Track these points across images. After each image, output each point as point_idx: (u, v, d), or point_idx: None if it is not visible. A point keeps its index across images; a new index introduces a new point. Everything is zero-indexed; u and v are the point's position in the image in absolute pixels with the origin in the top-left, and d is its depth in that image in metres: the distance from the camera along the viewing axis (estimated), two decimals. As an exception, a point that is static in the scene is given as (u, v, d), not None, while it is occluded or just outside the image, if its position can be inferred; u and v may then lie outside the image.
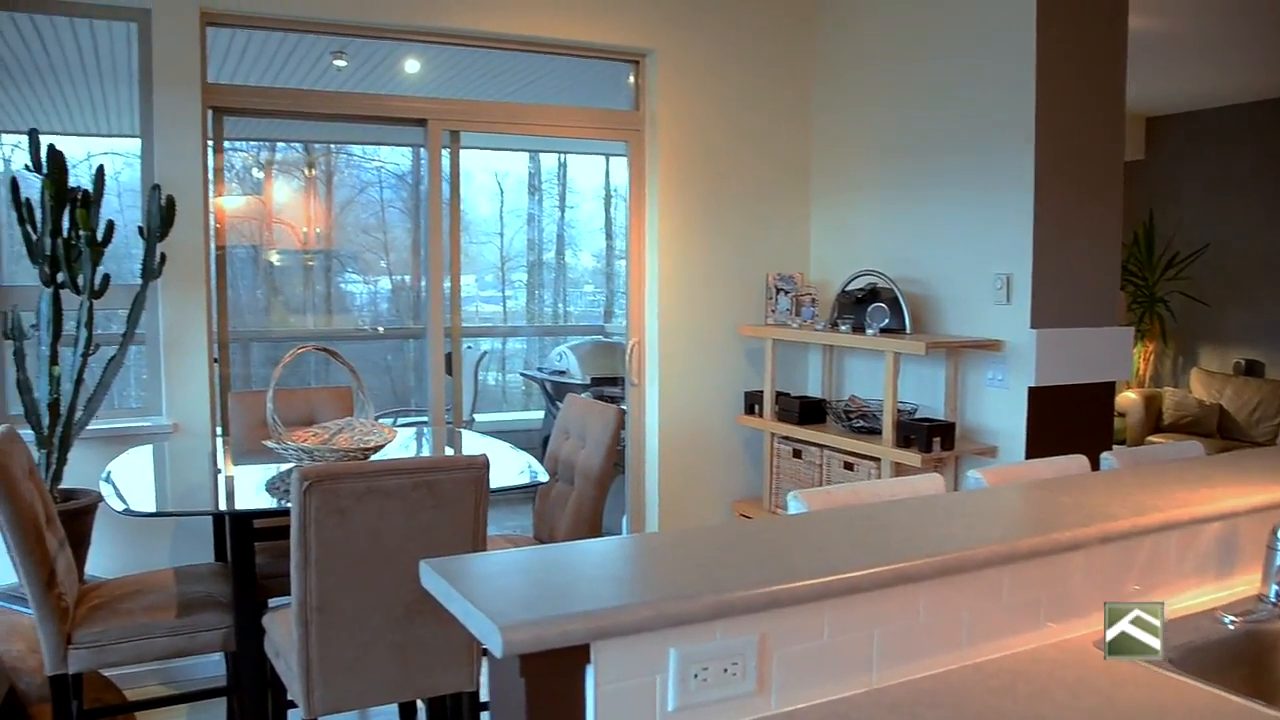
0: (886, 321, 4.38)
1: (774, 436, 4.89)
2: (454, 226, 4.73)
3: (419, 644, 2.64)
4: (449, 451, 3.96)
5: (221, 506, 3.27)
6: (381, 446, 3.19)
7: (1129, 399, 7.81)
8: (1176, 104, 8.04)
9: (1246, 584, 1.99)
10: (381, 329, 7.00)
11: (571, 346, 6.97)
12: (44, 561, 2.75)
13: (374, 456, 3.13)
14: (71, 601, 2.92)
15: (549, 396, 6.97)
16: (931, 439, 4.01)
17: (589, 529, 3.49)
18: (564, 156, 8.15)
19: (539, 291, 8.53)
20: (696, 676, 1.39)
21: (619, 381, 5.56)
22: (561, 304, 8.57)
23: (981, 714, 1.49)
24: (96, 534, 3.71)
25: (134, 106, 4.08)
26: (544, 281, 8.54)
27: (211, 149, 4.18)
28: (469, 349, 7.20)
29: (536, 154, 8.12)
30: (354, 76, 4.87)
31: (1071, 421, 4.06)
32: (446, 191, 4.66)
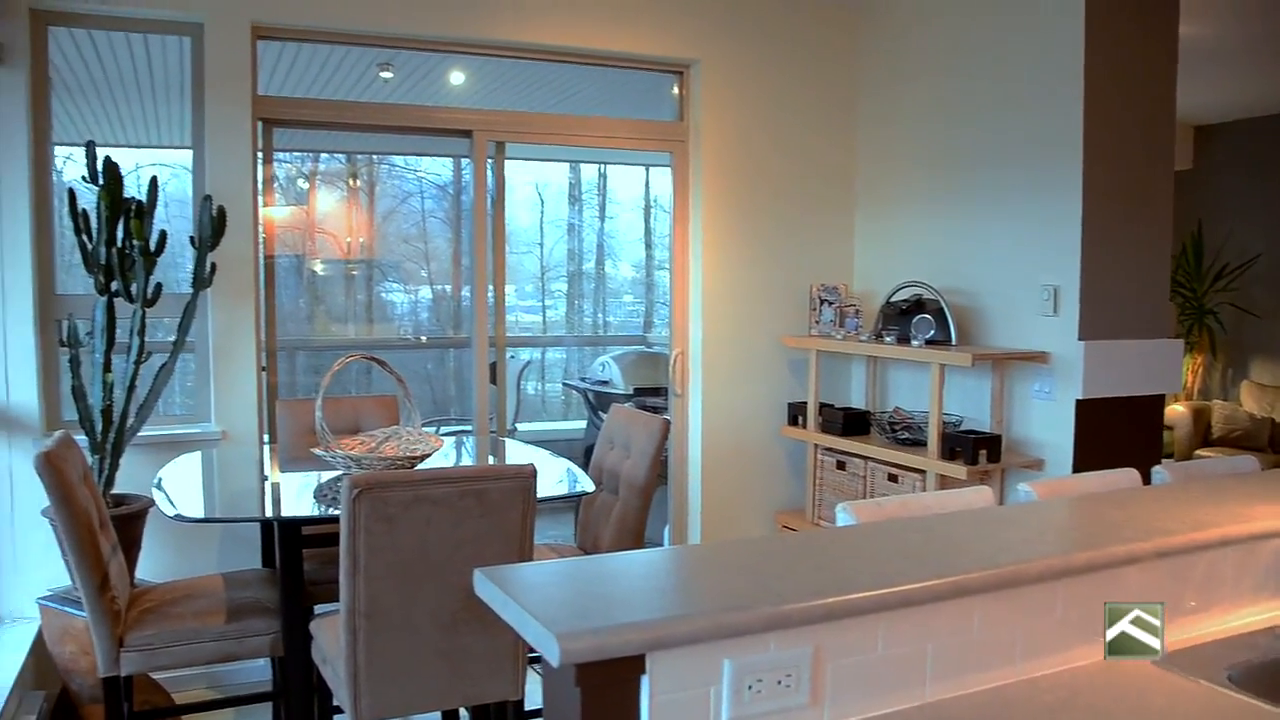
0: (932, 333, 4.35)
1: (817, 448, 4.87)
2: (498, 237, 4.77)
3: (465, 652, 2.65)
4: (492, 460, 3.97)
5: (269, 513, 3.32)
6: (429, 455, 3.21)
7: (1177, 412, 7.69)
8: (1225, 113, 7.92)
9: (1307, 601, 1.96)
10: (424, 338, 7.05)
11: (614, 357, 6.98)
12: (98, 565, 2.80)
13: (420, 465, 3.15)
14: (124, 605, 2.96)
15: (591, 406, 6.98)
16: (977, 451, 3.97)
17: (633, 539, 3.49)
18: (604, 167, 8.18)
19: (578, 301, 8.55)
20: (750, 688, 1.39)
21: (661, 392, 5.55)
22: (601, 314, 8.58)
23: (1038, 730, 1.48)
24: (144, 538, 3.76)
25: (184, 119, 4.16)
26: (583, 291, 8.56)
27: (260, 160, 4.24)
28: (511, 358, 7.23)
29: (577, 164, 8.15)
30: (400, 88, 4.92)
31: (1119, 434, 4.01)
32: (489, 202, 4.69)
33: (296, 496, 3.41)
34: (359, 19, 4.21)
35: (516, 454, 3.96)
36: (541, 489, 2.75)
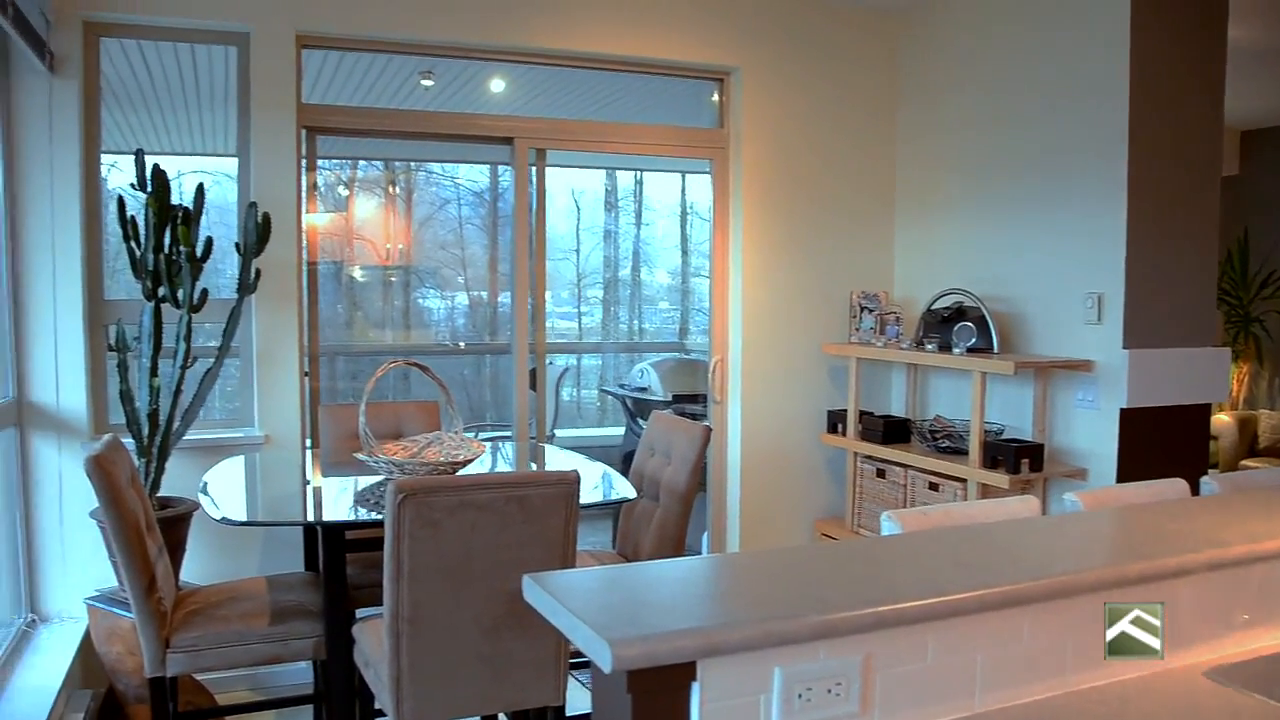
0: (973, 341, 4.32)
1: (857, 456, 4.84)
2: (539, 243, 4.79)
3: (507, 657, 2.66)
4: (533, 467, 3.99)
5: (310, 517, 3.34)
6: (471, 460, 3.23)
7: (1222, 421, 7.57)
8: (1272, 117, 7.80)
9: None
10: (463, 344, 7.09)
11: (653, 363, 6.98)
12: (145, 567, 2.83)
13: (462, 470, 3.17)
14: (169, 606, 3.00)
15: (630, 413, 6.98)
16: (1019, 460, 3.93)
17: (674, 547, 3.48)
18: (640, 174, 8.19)
19: (614, 308, 8.56)
20: (800, 696, 1.38)
21: (700, 399, 5.55)
22: (637, 320, 8.59)
23: (1091, 743, 1.46)
24: (189, 541, 3.80)
25: (229, 126, 4.21)
26: (620, 298, 8.57)
27: (304, 167, 4.29)
28: (549, 365, 7.26)
29: (613, 171, 8.16)
30: (440, 95, 4.96)
31: (1164, 444, 3.96)
32: (530, 209, 4.71)
33: (337, 500, 3.44)
34: (402, 27, 4.25)
35: (556, 460, 3.98)
36: (583, 496, 2.76)
